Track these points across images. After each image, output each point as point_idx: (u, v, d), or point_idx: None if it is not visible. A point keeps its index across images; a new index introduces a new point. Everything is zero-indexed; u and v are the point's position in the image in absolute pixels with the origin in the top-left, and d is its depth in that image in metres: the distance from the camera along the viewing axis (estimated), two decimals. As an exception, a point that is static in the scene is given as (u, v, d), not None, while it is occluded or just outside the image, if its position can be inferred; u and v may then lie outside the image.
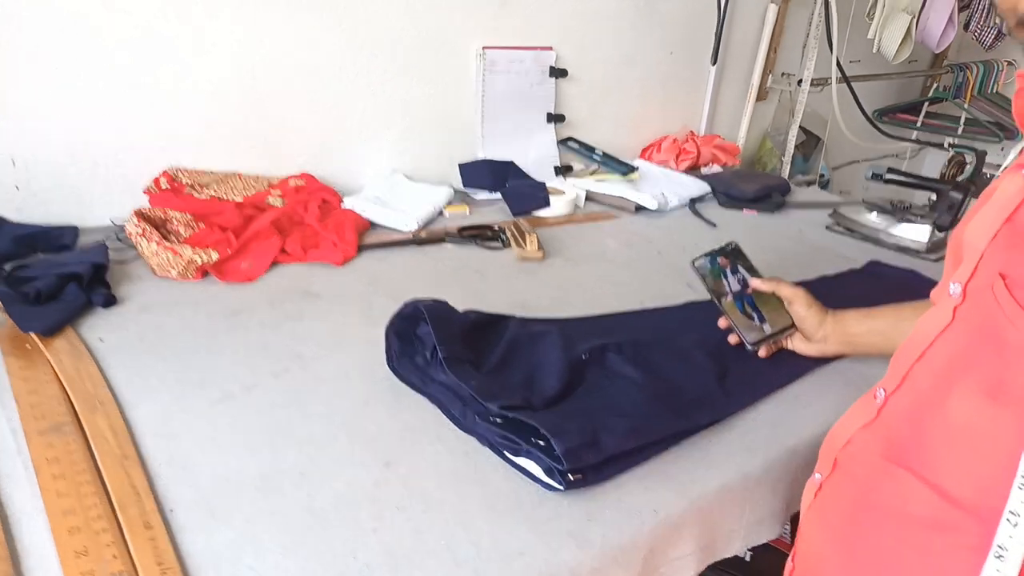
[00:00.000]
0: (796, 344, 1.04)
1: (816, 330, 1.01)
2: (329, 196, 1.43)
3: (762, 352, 1.02)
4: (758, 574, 1.31)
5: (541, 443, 0.75)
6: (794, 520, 1.09)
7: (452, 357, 0.86)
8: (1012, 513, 0.51)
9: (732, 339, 1.04)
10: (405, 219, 1.40)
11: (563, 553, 0.67)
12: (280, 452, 0.77)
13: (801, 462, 0.87)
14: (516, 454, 0.77)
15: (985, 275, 0.58)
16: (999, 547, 0.52)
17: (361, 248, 1.30)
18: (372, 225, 1.41)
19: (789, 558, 0.78)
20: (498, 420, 0.79)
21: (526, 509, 0.72)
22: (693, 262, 1.04)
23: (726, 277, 1.05)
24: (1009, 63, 2.95)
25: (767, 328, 1.02)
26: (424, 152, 1.66)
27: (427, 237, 1.37)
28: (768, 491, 0.84)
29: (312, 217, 1.33)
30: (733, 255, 1.06)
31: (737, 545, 0.83)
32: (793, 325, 1.03)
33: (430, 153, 1.66)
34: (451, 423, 0.83)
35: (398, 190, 1.52)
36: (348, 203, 1.42)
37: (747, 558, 1.27)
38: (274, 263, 1.21)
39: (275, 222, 1.29)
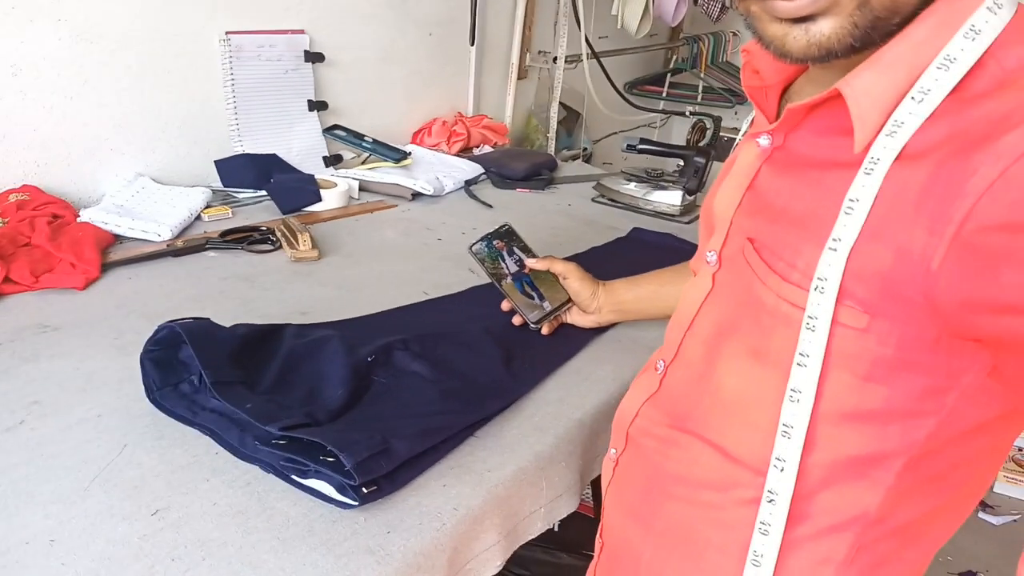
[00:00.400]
0: (574, 317, 1.08)
1: (590, 302, 1.05)
2: (60, 210, 1.25)
3: (544, 329, 1.05)
4: (568, 541, 1.37)
5: (330, 459, 0.71)
6: (593, 483, 1.15)
7: (220, 381, 0.79)
8: (778, 459, 0.55)
9: (516, 320, 1.06)
10: (156, 228, 1.26)
11: (363, 573, 0.64)
12: (20, 520, 0.66)
13: (589, 432, 0.91)
14: (305, 476, 0.73)
15: (736, 241, 0.60)
16: (770, 492, 0.56)
17: (106, 266, 1.15)
18: (117, 239, 1.25)
19: (598, 534, 0.80)
20: (281, 442, 0.74)
21: (319, 534, 0.68)
22: (471, 247, 1.07)
23: (503, 259, 1.07)
24: (735, 33, 3.29)
25: (547, 305, 1.06)
26: (172, 152, 1.51)
27: (184, 246, 1.25)
28: (562, 467, 0.86)
29: (41, 236, 1.15)
30: (507, 237, 1.09)
31: (539, 525, 0.84)
32: (570, 300, 1.07)
33: (179, 152, 1.52)
34: (228, 453, 0.76)
35: (145, 196, 1.37)
36: (86, 216, 1.25)
37: (555, 528, 1.32)
38: (-4, 295, 1.04)
39: (-7, 246, 1.10)
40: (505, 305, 1.06)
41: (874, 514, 0.56)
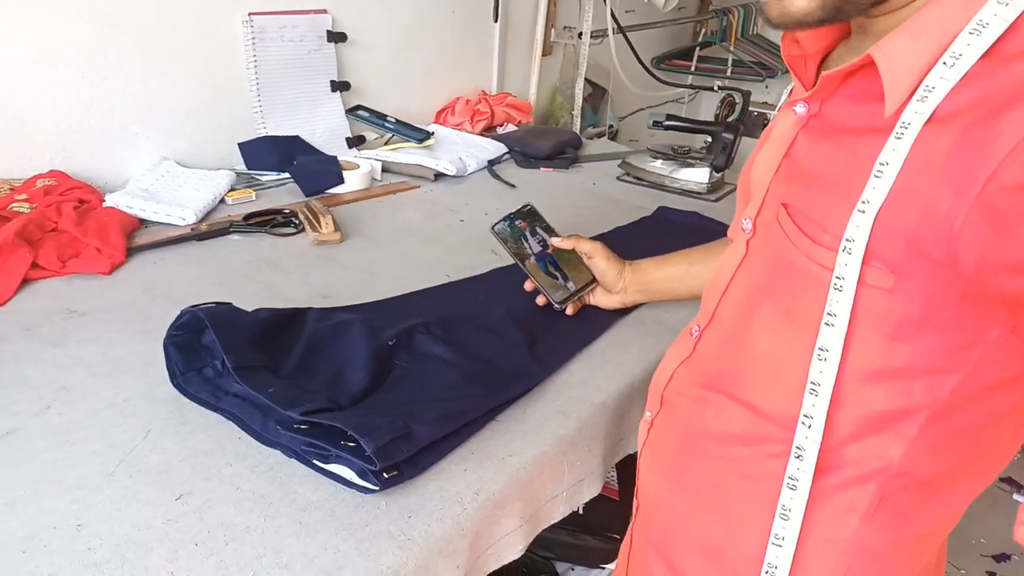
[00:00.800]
0: (599, 298, 1.07)
1: (616, 281, 1.04)
2: (87, 195, 1.26)
3: (569, 310, 1.04)
4: (593, 524, 1.37)
5: (352, 444, 0.71)
6: (618, 466, 1.14)
7: (243, 365, 0.79)
8: (806, 416, 0.56)
9: (540, 300, 1.04)
10: (181, 212, 1.27)
11: (384, 558, 0.64)
12: (48, 504, 0.67)
13: (612, 416, 0.90)
14: (326, 461, 0.73)
15: (771, 208, 0.62)
16: (797, 448, 0.57)
17: (131, 251, 1.16)
18: (143, 223, 1.26)
19: (634, 495, 0.81)
20: (303, 427, 0.74)
21: (341, 518, 0.68)
22: (493, 227, 1.05)
23: (526, 239, 1.05)
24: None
25: (571, 285, 1.04)
26: (197, 135, 1.51)
27: (209, 230, 1.25)
28: (584, 450, 0.85)
29: (68, 221, 1.17)
30: (530, 217, 1.08)
31: (562, 509, 0.84)
32: (594, 279, 1.05)
33: (204, 136, 1.52)
34: (251, 438, 0.76)
35: (170, 180, 1.38)
36: (111, 200, 1.26)
37: (580, 511, 1.32)
38: (25, 281, 1.05)
39: (22, 232, 1.11)
40: (528, 285, 1.05)
41: (897, 466, 0.57)
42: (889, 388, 0.55)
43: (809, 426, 0.56)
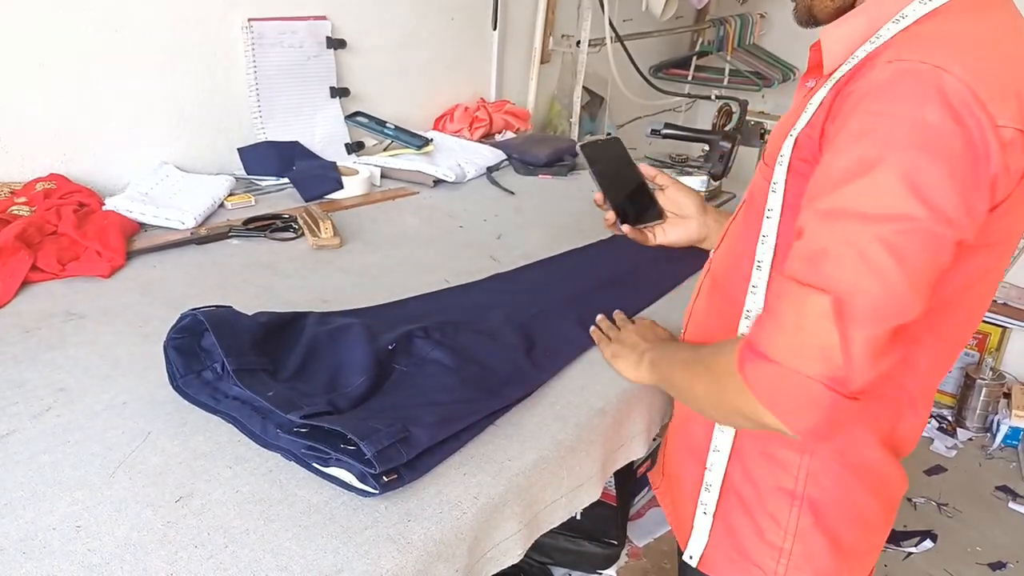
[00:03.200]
0: (669, 234, 1.04)
1: (690, 207, 1.04)
2: (86, 198, 1.26)
3: (627, 229, 1.01)
4: (591, 529, 1.37)
5: (351, 447, 0.71)
6: (617, 475, 1.14)
7: (243, 368, 0.79)
8: (753, 287, 0.75)
9: (609, 217, 1.01)
10: (180, 216, 1.27)
11: (383, 561, 0.64)
12: (47, 506, 0.67)
13: (611, 422, 0.90)
14: (326, 464, 0.73)
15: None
16: (747, 311, 0.75)
17: (131, 254, 1.17)
18: (142, 227, 1.26)
19: (659, 472, 1.00)
20: (302, 430, 0.74)
21: (340, 521, 0.68)
22: (582, 148, 1.05)
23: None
24: (762, 15, 3.23)
25: (645, 214, 1.03)
26: (196, 140, 1.51)
27: (208, 234, 1.25)
28: (583, 456, 0.85)
29: (68, 225, 1.17)
30: (614, 149, 1.08)
31: (560, 514, 0.84)
32: (663, 217, 1.03)
33: (203, 140, 1.52)
34: (250, 441, 0.76)
35: (170, 184, 1.38)
36: (111, 204, 1.27)
37: (578, 516, 1.32)
38: (25, 283, 1.05)
39: (22, 235, 1.11)
40: (599, 197, 1.02)
41: None
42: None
43: (755, 293, 0.74)
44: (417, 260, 1.26)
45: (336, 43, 1.69)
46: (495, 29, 2.08)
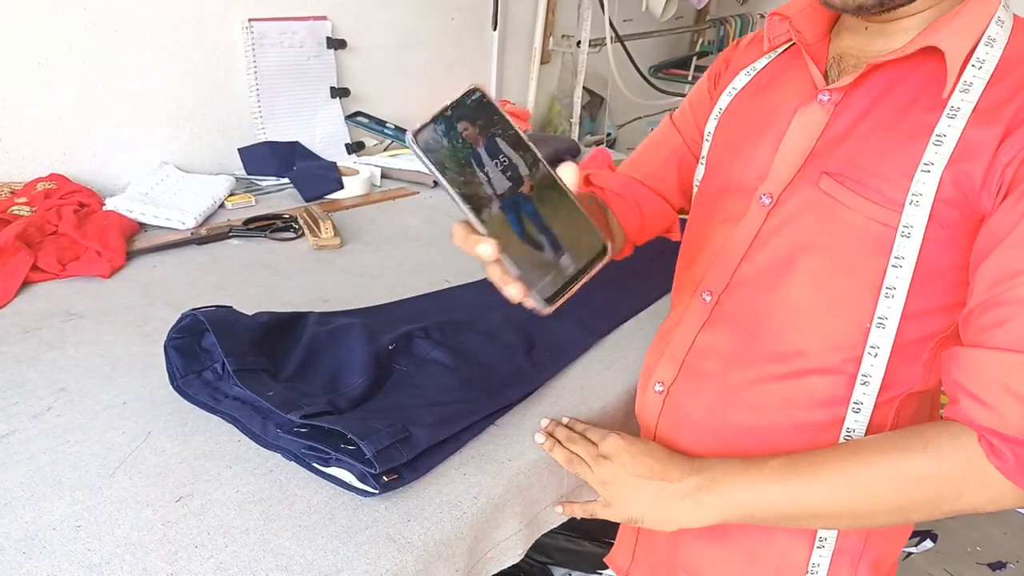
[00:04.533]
0: None
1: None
2: (86, 198, 1.26)
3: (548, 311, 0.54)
4: (590, 529, 1.37)
5: (351, 447, 0.71)
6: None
7: (243, 368, 0.79)
8: (872, 347, 0.66)
9: (511, 293, 0.53)
10: (180, 216, 1.27)
11: (383, 561, 0.64)
12: (47, 506, 0.67)
13: (612, 421, 0.90)
14: (326, 464, 0.73)
15: (808, 179, 0.68)
16: (863, 375, 0.67)
17: (131, 254, 1.17)
18: (142, 227, 1.26)
19: None
20: (302, 430, 0.74)
21: (340, 521, 0.68)
22: (415, 135, 0.49)
23: (479, 164, 0.50)
24: (762, 15, 3.22)
25: (566, 262, 0.52)
26: (196, 140, 1.51)
27: (208, 234, 1.26)
28: (583, 455, 0.85)
29: (68, 225, 1.17)
30: (482, 115, 0.51)
31: (560, 514, 0.84)
32: (606, 246, 0.53)
33: (203, 140, 1.52)
34: (251, 441, 0.77)
35: (170, 184, 1.38)
36: (111, 204, 1.27)
37: (578, 517, 1.33)
38: (25, 283, 1.05)
39: (22, 235, 1.11)
40: (495, 269, 0.53)
41: (918, 384, 0.68)
42: (924, 321, 0.65)
43: (875, 355, 0.65)
44: (417, 260, 1.26)
45: (336, 43, 1.69)
46: (495, 29, 2.08)
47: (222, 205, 1.40)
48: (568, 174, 0.52)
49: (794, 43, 0.73)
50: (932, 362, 0.67)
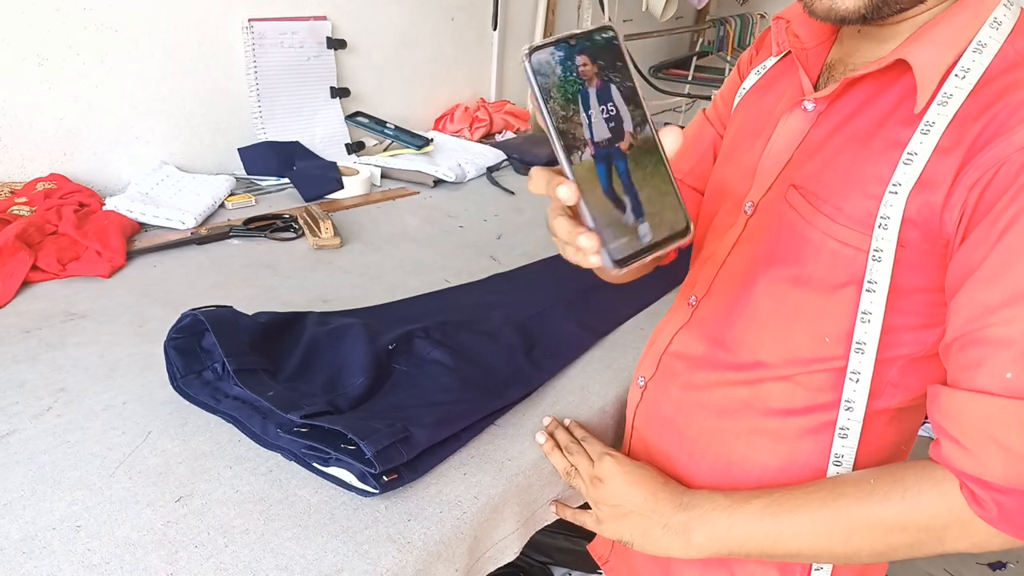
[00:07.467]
0: None
1: None
2: (86, 198, 1.26)
3: (624, 275, 0.65)
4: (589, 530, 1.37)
5: (351, 447, 0.71)
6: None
7: (243, 368, 0.79)
8: (854, 372, 0.64)
9: (584, 243, 0.46)
10: (180, 216, 1.27)
11: (383, 560, 0.64)
12: (47, 506, 0.67)
13: (610, 421, 0.90)
14: (326, 464, 0.73)
15: (778, 190, 0.68)
16: (847, 401, 0.65)
17: (131, 254, 1.17)
18: (142, 227, 1.26)
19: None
20: (302, 430, 0.74)
21: (340, 521, 0.68)
22: (530, 54, 0.44)
23: (586, 104, 0.46)
24: (762, 15, 3.22)
25: (644, 231, 0.47)
26: (196, 140, 1.52)
27: (208, 234, 1.26)
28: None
29: (68, 224, 1.17)
30: (605, 56, 0.46)
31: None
32: (687, 229, 0.48)
33: (203, 140, 1.52)
34: (251, 441, 0.76)
35: (170, 184, 1.38)
36: (111, 204, 1.27)
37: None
38: (25, 283, 1.05)
39: (22, 235, 1.11)
40: (567, 194, 0.45)
41: (896, 401, 0.67)
42: (908, 339, 0.63)
43: (857, 380, 0.64)
44: (417, 260, 1.26)
45: (336, 43, 1.69)
46: (495, 29, 2.08)
47: (222, 205, 1.40)
48: (670, 140, 0.47)
49: None
50: (908, 381, 0.65)
